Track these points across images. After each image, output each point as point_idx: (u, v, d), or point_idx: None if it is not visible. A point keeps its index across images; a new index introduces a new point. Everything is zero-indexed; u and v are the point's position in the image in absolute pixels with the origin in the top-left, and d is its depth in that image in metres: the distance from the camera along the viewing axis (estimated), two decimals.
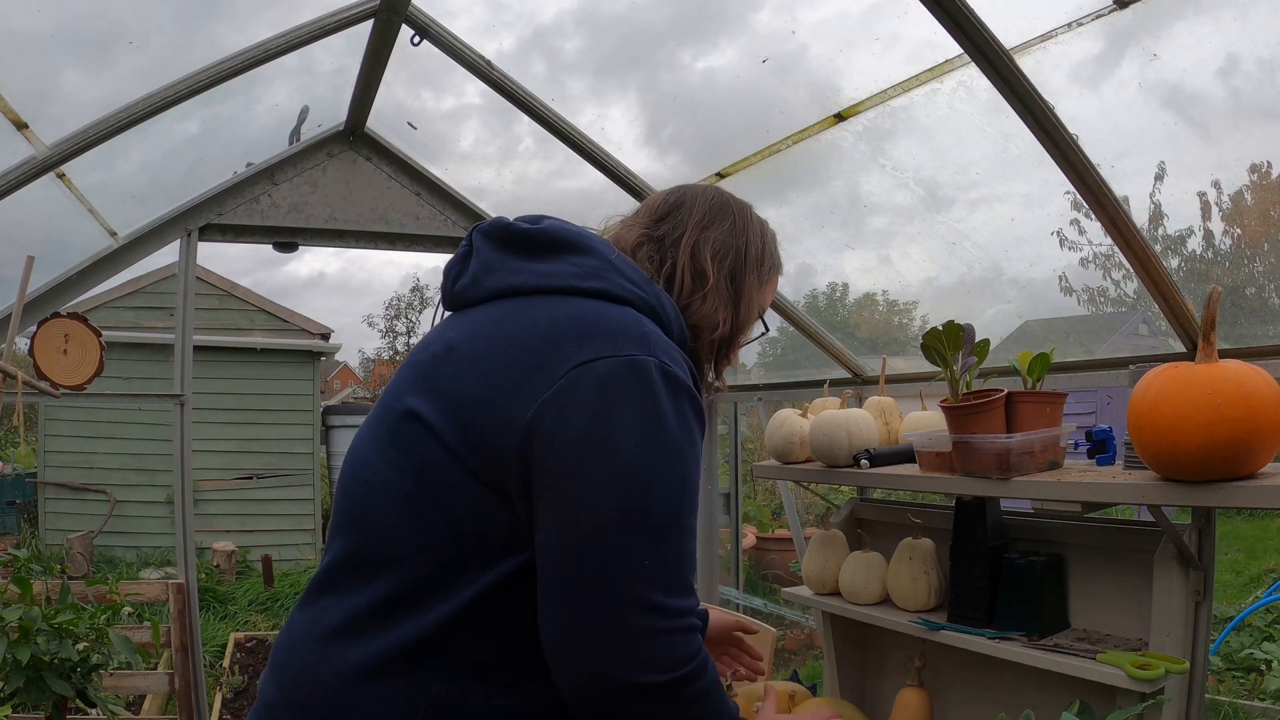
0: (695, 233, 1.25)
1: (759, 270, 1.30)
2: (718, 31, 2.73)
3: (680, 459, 1.02)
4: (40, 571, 2.68)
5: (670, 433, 1.01)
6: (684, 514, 1.02)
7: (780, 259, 1.37)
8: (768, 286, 1.34)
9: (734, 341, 1.28)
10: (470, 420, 1.02)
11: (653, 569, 0.97)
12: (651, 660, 0.96)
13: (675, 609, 0.98)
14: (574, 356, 1.01)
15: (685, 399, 1.04)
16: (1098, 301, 2.97)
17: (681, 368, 1.07)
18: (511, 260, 1.14)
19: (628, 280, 1.13)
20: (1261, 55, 1.87)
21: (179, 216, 3.35)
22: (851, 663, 2.71)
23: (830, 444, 2.35)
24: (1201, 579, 1.88)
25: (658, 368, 1.02)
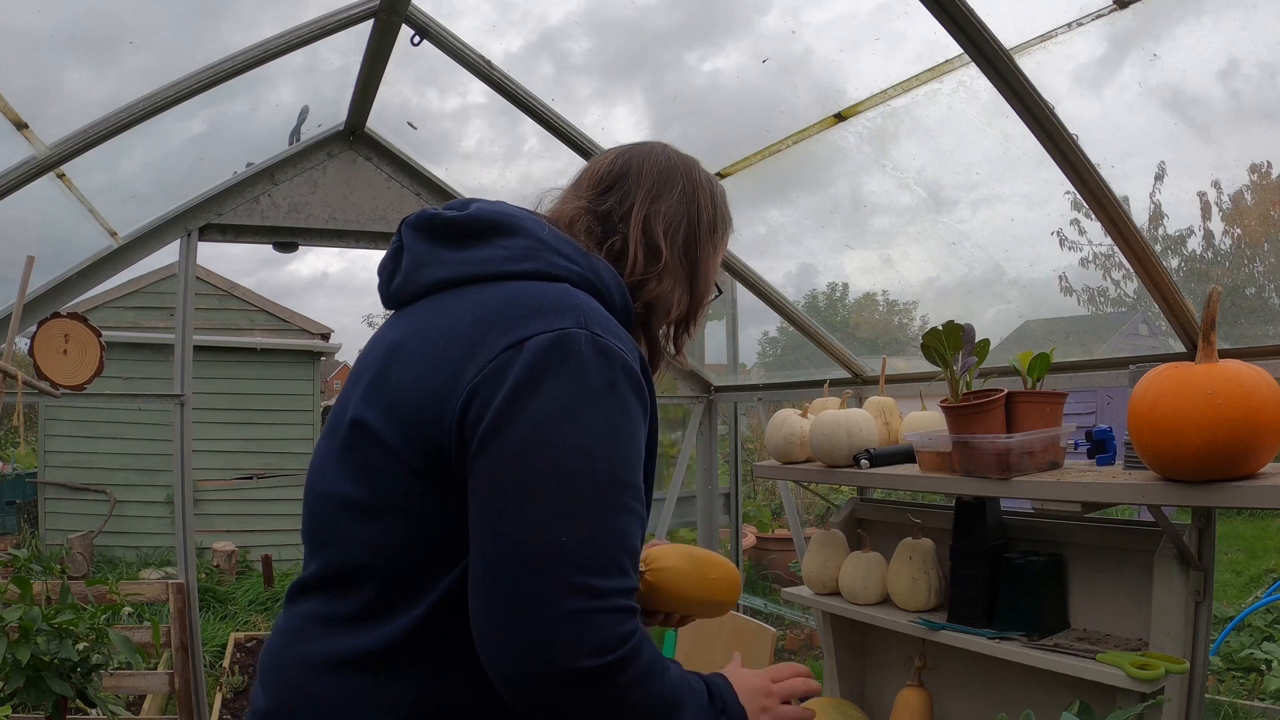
0: (645, 206, 1.19)
1: (712, 237, 1.25)
2: (724, 34, 2.74)
3: (610, 434, 0.96)
4: (40, 571, 2.68)
5: (599, 407, 0.96)
6: (613, 491, 0.96)
7: (730, 216, 1.31)
8: (721, 250, 1.30)
9: (694, 316, 1.25)
10: (410, 423, 1.00)
11: (576, 548, 0.92)
12: (580, 644, 0.90)
13: (603, 589, 0.92)
14: (503, 340, 0.98)
15: (620, 371, 0.99)
16: (1098, 301, 2.97)
17: (620, 339, 1.02)
18: (442, 252, 1.11)
19: (561, 256, 1.09)
20: (1262, 57, 1.87)
21: (179, 216, 3.35)
22: (851, 663, 2.71)
23: (830, 444, 2.35)
24: (1201, 579, 1.88)
25: (589, 340, 0.98)
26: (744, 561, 5.37)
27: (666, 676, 1.00)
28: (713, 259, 1.26)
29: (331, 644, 1.02)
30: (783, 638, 5.37)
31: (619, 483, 0.96)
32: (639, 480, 1.00)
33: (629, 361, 1.00)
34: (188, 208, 3.35)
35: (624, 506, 0.96)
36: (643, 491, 1.01)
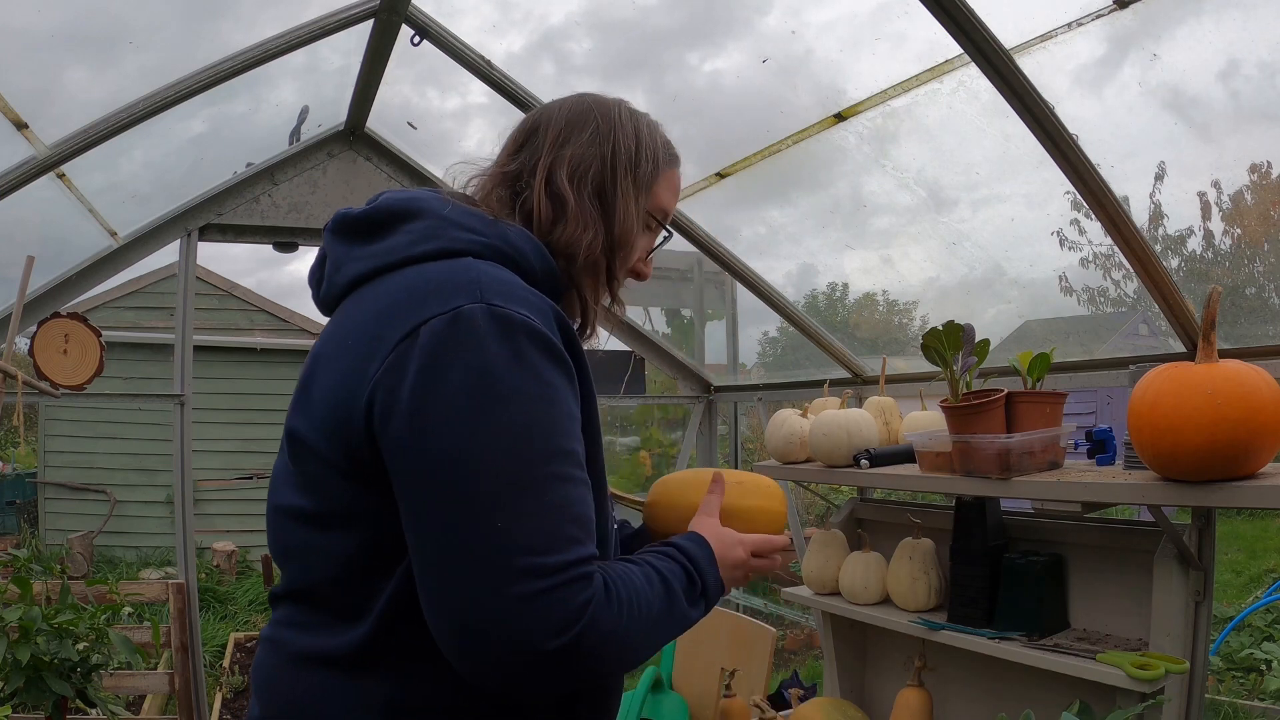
0: (550, 155, 1.14)
1: (633, 173, 1.16)
2: (725, 34, 2.74)
3: (521, 404, 0.92)
4: (40, 571, 2.68)
5: (507, 381, 0.92)
6: (541, 463, 0.92)
7: (666, 151, 1.22)
8: (656, 186, 1.21)
9: (615, 257, 1.16)
10: (329, 427, 0.99)
11: (515, 531, 0.89)
12: (541, 628, 0.88)
13: (552, 566, 0.89)
14: (400, 330, 0.95)
15: (525, 339, 0.94)
16: (1098, 301, 2.97)
17: (525, 304, 0.97)
18: (355, 249, 1.09)
19: (464, 230, 1.05)
20: (1263, 57, 1.87)
21: (179, 216, 3.35)
22: (851, 663, 2.71)
23: (830, 444, 2.35)
24: (1201, 579, 1.88)
25: (486, 313, 0.93)
26: None
27: (639, 600, 0.99)
28: (635, 196, 1.17)
29: (306, 649, 1.03)
30: (783, 638, 5.37)
31: (547, 453, 0.93)
32: (573, 445, 0.96)
33: (536, 326, 0.95)
34: (188, 208, 3.35)
35: (558, 476, 0.93)
36: (581, 456, 0.98)
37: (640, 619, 0.98)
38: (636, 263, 1.22)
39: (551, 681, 0.92)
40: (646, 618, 0.99)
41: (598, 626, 0.91)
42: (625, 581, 0.99)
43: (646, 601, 1.00)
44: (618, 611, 0.95)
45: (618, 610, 0.95)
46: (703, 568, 1.10)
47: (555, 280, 1.10)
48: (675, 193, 1.25)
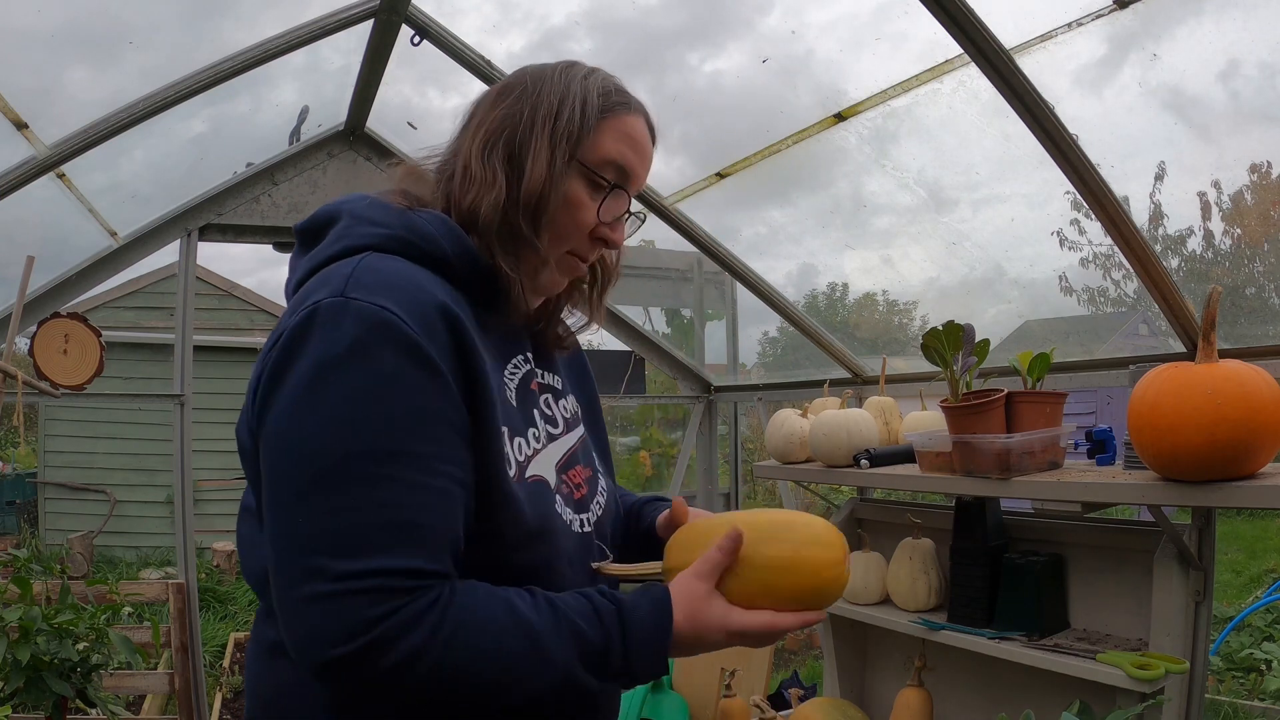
0: (472, 127, 1.09)
1: (552, 124, 1.05)
2: (726, 35, 2.74)
3: (349, 398, 0.87)
4: (40, 571, 2.68)
5: (335, 371, 0.88)
6: (352, 460, 0.86)
7: (607, 100, 1.09)
8: (595, 136, 1.07)
9: (522, 214, 1.04)
10: (240, 429, 1.01)
11: (311, 530, 0.86)
12: (323, 632, 0.84)
13: (340, 571, 0.84)
14: (276, 330, 0.95)
15: (373, 332, 0.89)
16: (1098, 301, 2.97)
17: (391, 296, 0.91)
18: (298, 259, 1.09)
19: (370, 224, 1.01)
20: (1263, 58, 1.87)
21: (179, 216, 3.35)
22: (851, 663, 2.71)
23: (830, 444, 2.35)
24: (1201, 579, 1.88)
25: (338, 306, 0.90)
26: None
27: (480, 638, 0.88)
28: (552, 148, 1.04)
29: (264, 637, 1.05)
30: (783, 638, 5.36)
31: (366, 451, 0.87)
32: (411, 446, 0.89)
33: (390, 318, 0.89)
34: (188, 208, 3.35)
35: (379, 476, 0.87)
36: (430, 458, 0.90)
37: (474, 658, 0.88)
38: (599, 227, 1.08)
39: (357, 690, 0.88)
40: (487, 660, 0.88)
41: (395, 646, 0.84)
42: (473, 610, 0.89)
43: (492, 642, 0.89)
44: (432, 638, 0.86)
45: (434, 637, 0.86)
46: (636, 645, 0.95)
47: (474, 260, 1.02)
48: (629, 142, 1.09)
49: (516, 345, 1.12)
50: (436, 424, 0.91)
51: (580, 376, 1.30)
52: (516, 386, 1.08)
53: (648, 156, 1.14)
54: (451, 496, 0.91)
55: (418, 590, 0.87)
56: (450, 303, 0.96)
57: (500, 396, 1.01)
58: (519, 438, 1.03)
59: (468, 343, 0.95)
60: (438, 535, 0.89)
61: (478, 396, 0.95)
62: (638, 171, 1.12)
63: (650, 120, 1.15)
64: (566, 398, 1.21)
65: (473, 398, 0.95)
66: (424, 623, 0.86)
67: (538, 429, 1.08)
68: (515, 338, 1.12)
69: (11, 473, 9.40)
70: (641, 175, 1.13)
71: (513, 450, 1.01)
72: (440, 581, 0.89)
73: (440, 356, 0.92)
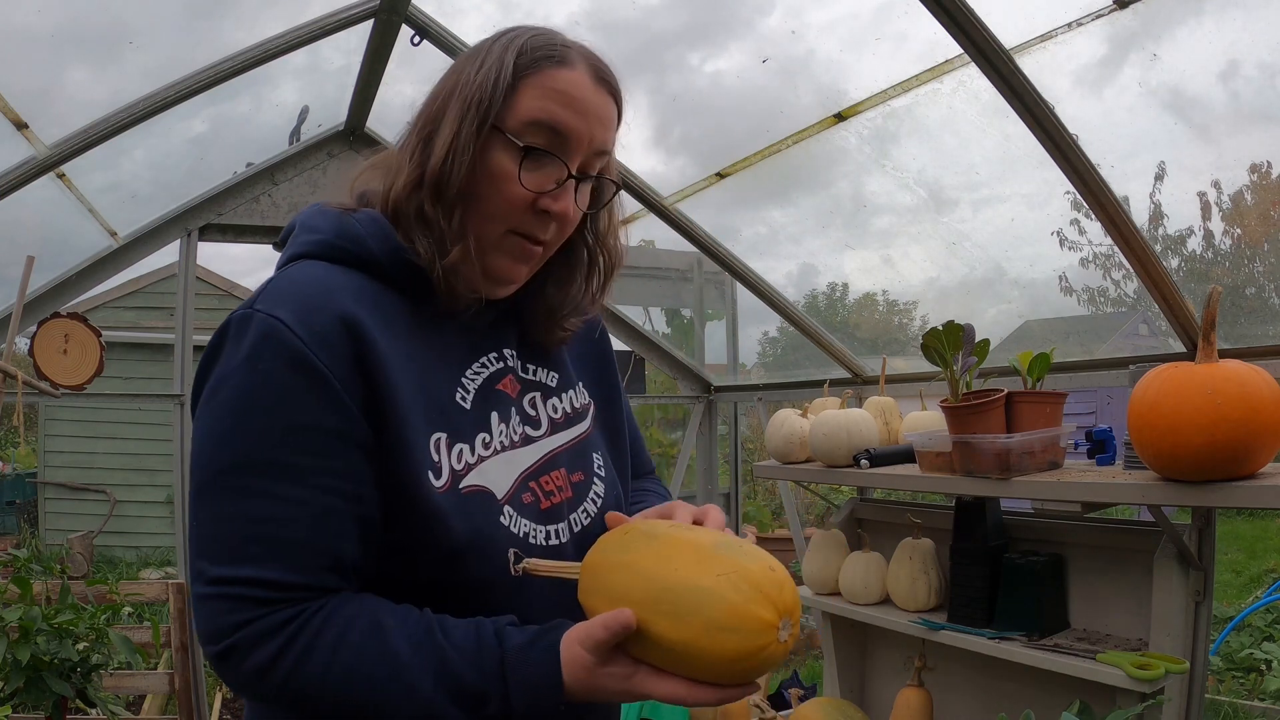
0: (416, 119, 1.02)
1: (463, 94, 0.95)
2: (727, 35, 2.75)
3: (239, 412, 0.88)
4: (40, 571, 2.68)
5: (231, 386, 0.89)
6: (226, 470, 0.87)
7: (531, 56, 0.96)
8: (514, 98, 0.95)
9: (426, 195, 0.96)
10: None
11: (200, 533, 0.88)
12: (201, 629, 0.88)
13: (213, 576, 0.86)
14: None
15: (261, 340, 0.88)
16: (1098, 301, 2.97)
17: (290, 305, 0.90)
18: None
19: (310, 232, 1.00)
20: (1263, 59, 1.87)
21: (179, 216, 3.35)
22: (851, 663, 2.71)
23: (830, 444, 2.35)
24: (1201, 579, 1.88)
25: (240, 318, 0.91)
26: None
27: (335, 659, 0.86)
28: (462, 117, 0.95)
29: None
30: None
31: (248, 464, 0.87)
32: (286, 458, 0.87)
33: (277, 329, 0.88)
34: (188, 208, 3.35)
35: (248, 489, 0.86)
36: (307, 471, 0.88)
37: (326, 676, 0.86)
38: (541, 199, 0.96)
39: (233, 688, 0.91)
40: (341, 681, 0.86)
41: (250, 654, 0.86)
42: (338, 629, 0.87)
43: (348, 664, 0.86)
44: (285, 651, 0.86)
45: (287, 650, 0.86)
46: (519, 695, 0.86)
47: (403, 256, 0.96)
48: (558, 98, 0.95)
49: (490, 342, 1.04)
50: (319, 436, 0.88)
51: (598, 367, 1.20)
52: (477, 388, 1.01)
53: (594, 111, 0.97)
54: (332, 511, 0.88)
55: (278, 603, 0.86)
56: (356, 310, 0.91)
57: (437, 401, 0.96)
58: (461, 444, 0.96)
59: (370, 351, 0.90)
60: (307, 550, 0.88)
61: (382, 407, 0.91)
62: (576, 128, 0.96)
63: (602, 70, 1.00)
64: (565, 394, 1.11)
65: (376, 408, 0.90)
66: (279, 635, 0.86)
67: (492, 434, 1.00)
68: (490, 334, 1.05)
69: (11, 473, 9.40)
70: (585, 132, 0.97)
71: (447, 458, 0.94)
72: (308, 595, 0.88)
73: (332, 366, 0.88)
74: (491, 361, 1.04)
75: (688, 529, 0.91)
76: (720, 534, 0.89)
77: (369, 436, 0.90)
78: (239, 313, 0.92)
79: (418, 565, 0.93)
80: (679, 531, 0.89)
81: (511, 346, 1.07)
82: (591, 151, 0.99)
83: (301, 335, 0.88)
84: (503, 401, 1.03)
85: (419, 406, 0.93)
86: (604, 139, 1.00)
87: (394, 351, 0.93)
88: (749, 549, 0.85)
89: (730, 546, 0.84)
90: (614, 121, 1.02)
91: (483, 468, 0.97)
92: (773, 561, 0.85)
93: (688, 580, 0.82)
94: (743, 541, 0.87)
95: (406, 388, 0.92)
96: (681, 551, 0.85)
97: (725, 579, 0.81)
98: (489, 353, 1.04)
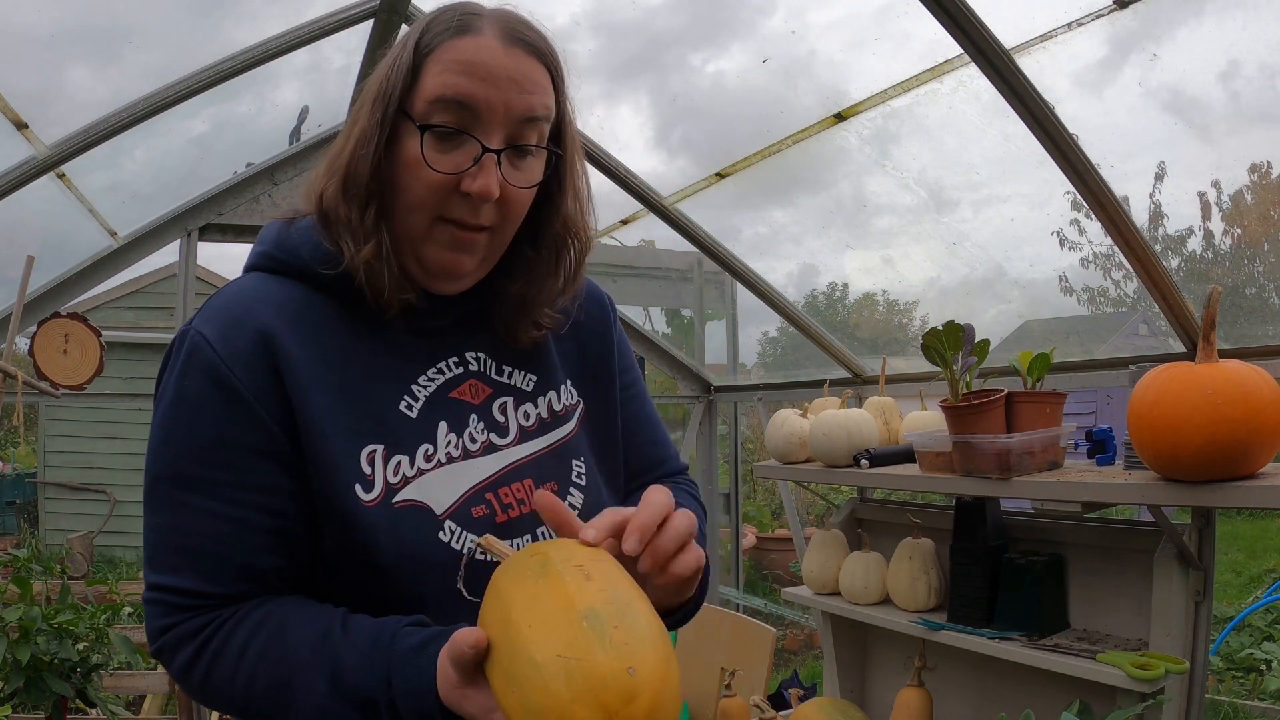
0: None
1: (374, 88, 0.91)
2: (729, 36, 2.75)
3: (168, 427, 0.90)
4: (40, 571, 2.68)
5: (163, 403, 0.91)
6: (164, 486, 0.90)
7: (433, 32, 0.90)
8: (419, 79, 0.89)
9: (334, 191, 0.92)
10: None
11: (144, 539, 0.92)
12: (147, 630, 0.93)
13: (150, 582, 0.91)
14: None
15: (187, 359, 0.89)
16: (1098, 301, 2.98)
17: (214, 321, 0.90)
18: None
19: (259, 244, 0.99)
20: (1263, 59, 1.87)
21: (179, 216, 3.35)
22: (851, 663, 2.71)
23: (830, 444, 2.35)
24: (1201, 579, 1.88)
25: (178, 335, 0.93)
26: (744, 562, 5.38)
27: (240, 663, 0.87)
28: (371, 110, 0.90)
29: None
30: (783, 638, 5.37)
31: (172, 477, 0.89)
32: (203, 472, 0.88)
33: (198, 344, 0.89)
34: (188, 208, 3.35)
35: (177, 503, 0.89)
36: (219, 484, 0.88)
37: (234, 680, 0.88)
38: (464, 179, 0.88)
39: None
40: (245, 683, 0.87)
41: (174, 657, 0.90)
42: (245, 634, 0.88)
43: (250, 668, 0.87)
44: (198, 656, 0.89)
45: (200, 655, 0.89)
46: (403, 703, 0.81)
47: (334, 263, 0.92)
48: (461, 67, 0.88)
49: (450, 347, 0.99)
50: (234, 450, 0.88)
51: (595, 361, 1.10)
52: (428, 396, 0.95)
53: (505, 75, 0.88)
54: (246, 524, 0.88)
55: (194, 609, 0.89)
56: (278, 324, 0.90)
57: (375, 411, 0.92)
58: (400, 456, 0.91)
59: (287, 367, 0.89)
60: (220, 561, 0.89)
61: (301, 421, 0.89)
62: (485, 96, 0.87)
63: (516, 29, 0.91)
64: (543, 397, 1.03)
65: (294, 423, 0.89)
66: (195, 640, 0.89)
67: (438, 445, 0.94)
68: (451, 337, 0.99)
69: (11, 473, 9.40)
70: (497, 99, 0.88)
71: (382, 471, 0.90)
72: (222, 603, 0.89)
73: (248, 382, 0.88)
74: (449, 367, 0.98)
75: (586, 575, 0.73)
76: (613, 594, 0.71)
77: (289, 451, 0.89)
78: (181, 329, 0.93)
79: (354, 578, 0.91)
80: (569, 577, 0.72)
81: (480, 349, 1.01)
82: (514, 120, 0.89)
83: (220, 352, 0.88)
84: (457, 410, 0.96)
85: (348, 418, 0.90)
86: (526, 104, 0.89)
87: (318, 363, 0.90)
88: (628, 630, 0.68)
89: (601, 622, 0.67)
90: (541, 83, 0.91)
91: (423, 481, 0.92)
92: (646, 659, 0.67)
93: (527, 645, 0.68)
94: (630, 615, 0.69)
95: (330, 401, 0.90)
96: (548, 606, 0.70)
97: (563, 663, 0.66)
98: (448, 358, 0.98)
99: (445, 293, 0.96)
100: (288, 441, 0.89)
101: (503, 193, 0.90)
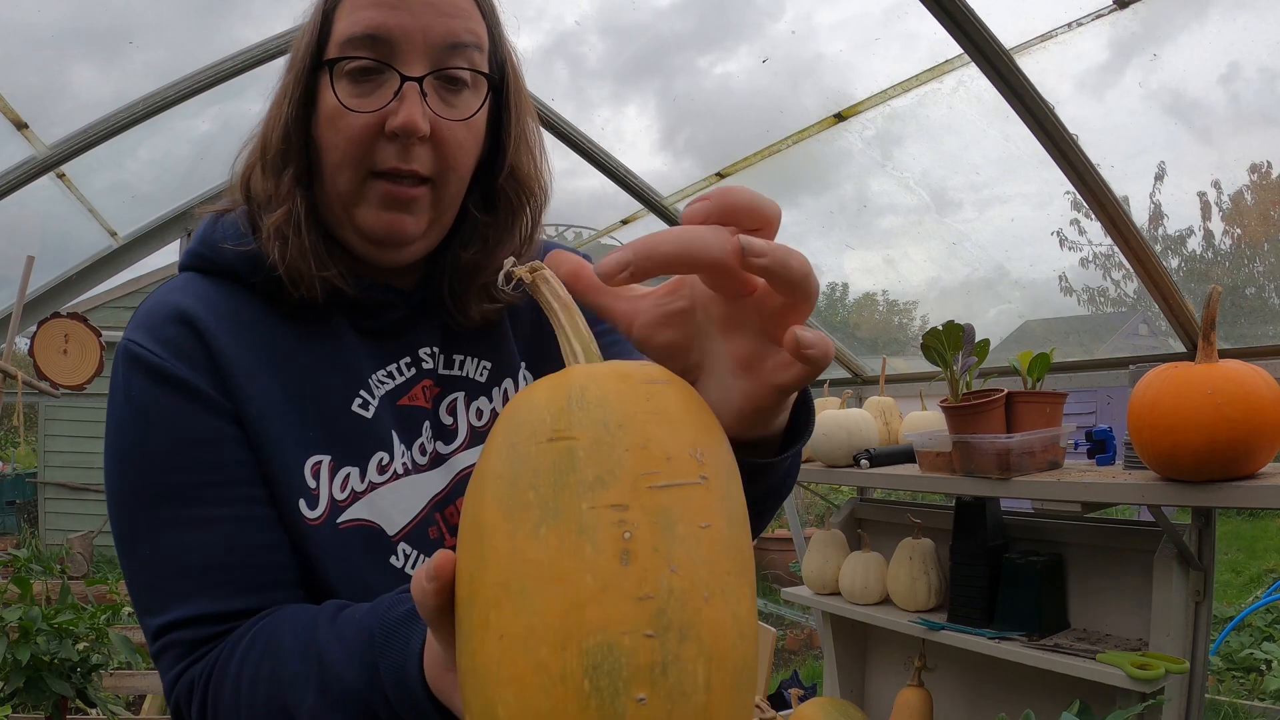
0: None
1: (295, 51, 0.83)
2: (736, 38, 2.75)
3: (127, 444, 0.78)
4: (40, 571, 2.68)
5: (114, 419, 0.79)
6: (136, 509, 0.76)
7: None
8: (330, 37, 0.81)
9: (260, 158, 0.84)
10: None
11: (132, 586, 0.78)
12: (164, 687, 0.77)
13: (153, 629, 0.76)
14: None
15: (129, 368, 0.79)
16: (1098, 301, 2.97)
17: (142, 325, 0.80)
18: None
19: (192, 243, 0.88)
20: (1263, 61, 1.87)
21: (179, 216, 3.35)
22: (851, 663, 2.71)
23: (830, 444, 2.36)
24: (1201, 579, 1.88)
25: (120, 346, 0.81)
26: None
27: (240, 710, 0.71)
28: (291, 71, 0.82)
29: None
30: (783, 638, 5.37)
31: (149, 500, 0.76)
32: (180, 480, 0.76)
33: (136, 349, 0.78)
34: (188, 207, 3.35)
35: (161, 523, 0.76)
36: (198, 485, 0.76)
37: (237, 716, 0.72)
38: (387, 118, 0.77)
39: None
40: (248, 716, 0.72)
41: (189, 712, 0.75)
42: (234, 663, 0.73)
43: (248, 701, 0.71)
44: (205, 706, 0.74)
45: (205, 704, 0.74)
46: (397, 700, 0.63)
47: (254, 256, 0.82)
48: (365, 3, 0.79)
49: (403, 345, 0.87)
50: (203, 446, 0.77)
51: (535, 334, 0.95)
52: (378, 403, 0.84)
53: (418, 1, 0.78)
54: (246, 519, 0.77)
55: (218, 638, 0.75)
56: (205, 318, 0.80)
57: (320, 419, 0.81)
58: (349, 468, 0.80)
59: (221, 360, 0.79)
60: (233, 569, 0.76)
61: (242, 420, 0.78)
62: (398, 23, 0.77)
63: None
64: (498, 387, 0.91)
65: (247, 417, 0.78)
66: (200, 684, 0.74)
67: (393, 454, 0.83)
68: (402, 335, 0.87)
69: (11, 473, 9.41)
70: (413, 25, 0.78)
71: (328, 485, 0.79)
72: (225, 627, 0.75)
73: (192, 373, 0.77)
74: (402, 370, 0.87)
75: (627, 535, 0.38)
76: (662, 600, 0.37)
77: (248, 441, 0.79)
78: (122, 342, 0.82)
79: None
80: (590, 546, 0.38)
81: (434, 342, 0.88)
82: (435, 46, 0.78)
83: (157, 351, 0.78)
84: (410, 416, 0.85)
85: (289, 423, 0.79)
86: (447, 28, 0.79)
87: (252, 360, 0.80)
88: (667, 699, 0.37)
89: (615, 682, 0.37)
90: (463, 7, 0.80)
91: (374, 497, 0.81)
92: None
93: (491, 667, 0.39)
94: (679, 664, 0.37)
95: (267, 405, 0.79)
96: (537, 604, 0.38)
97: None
98: (400, 359, 0.87)
99: (392, 264, 0.84)
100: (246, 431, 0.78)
101: (436, 131, 0.79)
